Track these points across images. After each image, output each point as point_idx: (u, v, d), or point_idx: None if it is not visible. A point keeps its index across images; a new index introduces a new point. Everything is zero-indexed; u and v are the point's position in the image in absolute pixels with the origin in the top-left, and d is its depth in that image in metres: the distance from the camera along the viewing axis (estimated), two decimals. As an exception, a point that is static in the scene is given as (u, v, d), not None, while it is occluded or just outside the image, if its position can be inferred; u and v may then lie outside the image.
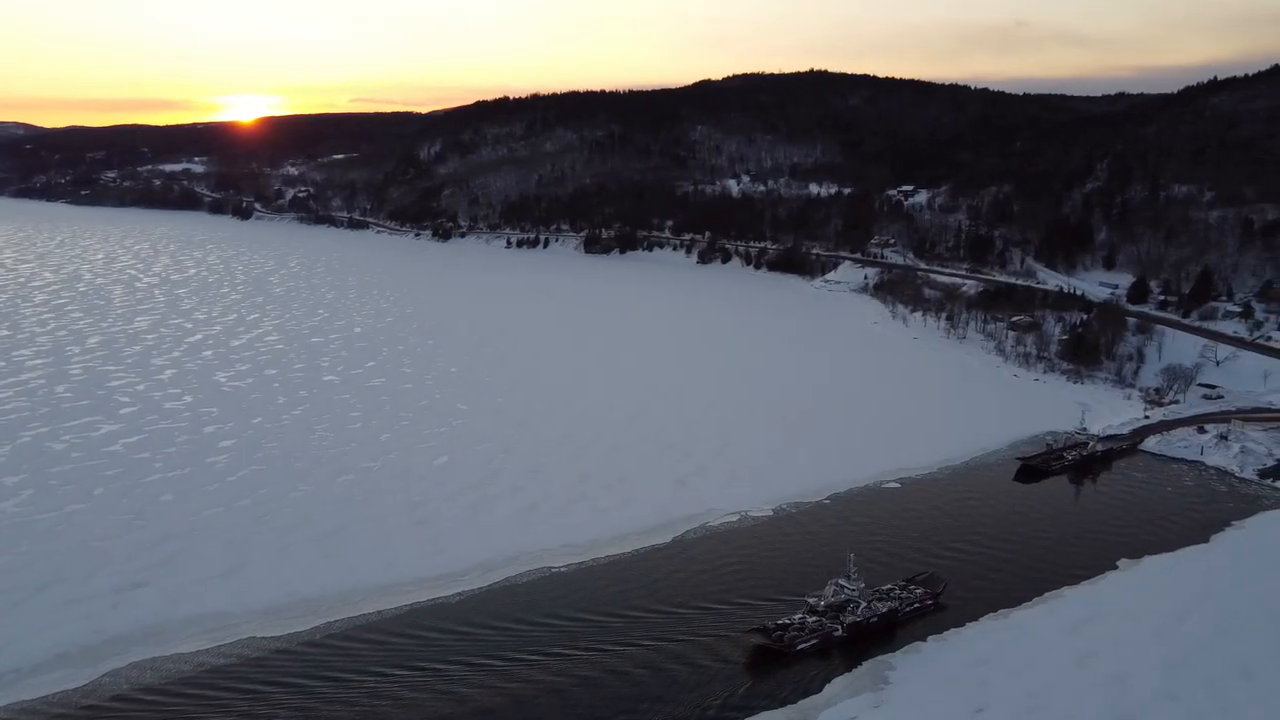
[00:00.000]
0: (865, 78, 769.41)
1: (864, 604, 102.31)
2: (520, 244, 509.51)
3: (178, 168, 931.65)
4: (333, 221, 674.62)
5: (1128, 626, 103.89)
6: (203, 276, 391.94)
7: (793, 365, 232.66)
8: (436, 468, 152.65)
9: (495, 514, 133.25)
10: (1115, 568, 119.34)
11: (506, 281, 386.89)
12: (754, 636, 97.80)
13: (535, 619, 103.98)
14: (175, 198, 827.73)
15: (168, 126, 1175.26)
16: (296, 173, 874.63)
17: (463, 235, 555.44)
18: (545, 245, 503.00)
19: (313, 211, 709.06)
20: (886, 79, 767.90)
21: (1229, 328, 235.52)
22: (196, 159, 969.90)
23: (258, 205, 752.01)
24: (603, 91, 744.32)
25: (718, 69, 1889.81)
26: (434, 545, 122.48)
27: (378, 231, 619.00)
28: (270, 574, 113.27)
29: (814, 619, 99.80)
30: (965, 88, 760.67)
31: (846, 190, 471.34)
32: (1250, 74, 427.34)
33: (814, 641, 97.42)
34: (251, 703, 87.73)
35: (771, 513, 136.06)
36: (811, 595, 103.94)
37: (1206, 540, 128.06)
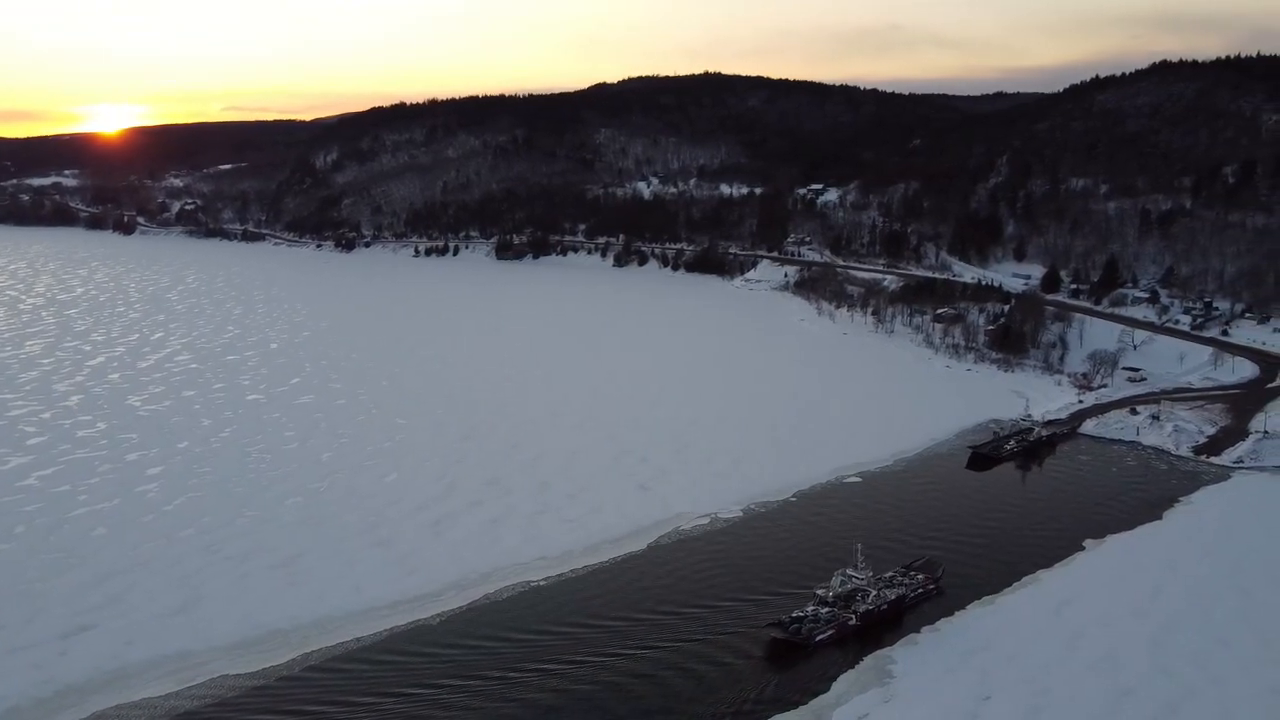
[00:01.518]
0: (761, 79, 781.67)
1: (874, 592, 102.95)
2: (429, 252, 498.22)
3: (46, 181, 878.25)
4: (225, 234, 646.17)
5: (1107, 606, 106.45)
6: (93, 295, 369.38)
7: (730, 365, 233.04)
8: (388, 485, 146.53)
9: (459, 530, 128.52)
10: (1082, 548, 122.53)
11: (421, 291, 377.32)
12: (771, 631, 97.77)
13: (528, 632, 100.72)
14: (47, 213, 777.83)
15: (29, 139, 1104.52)
16: (181, 184, 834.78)
17: (367, 245, 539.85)
18: (455, 253, 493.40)
19: (202, 224, 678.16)
20: (781, 80, 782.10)
21: (1139, 313, 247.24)
22: (67, 172, 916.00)
23: (141, 219, 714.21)
24: (503, 96, 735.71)
25: (609, 72, 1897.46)
26: (402, 566, 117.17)
27: (275, 243, 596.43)
28: (231, 606, 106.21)
29: (826, 610, 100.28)
30: (857, 88, 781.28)
31: (758, 190, 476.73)
32: (1130, 72, 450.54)
33: (830, 632, 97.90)
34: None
35: (741, 514, 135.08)
36: (820, 587, 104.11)
37: (1160, 517, 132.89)
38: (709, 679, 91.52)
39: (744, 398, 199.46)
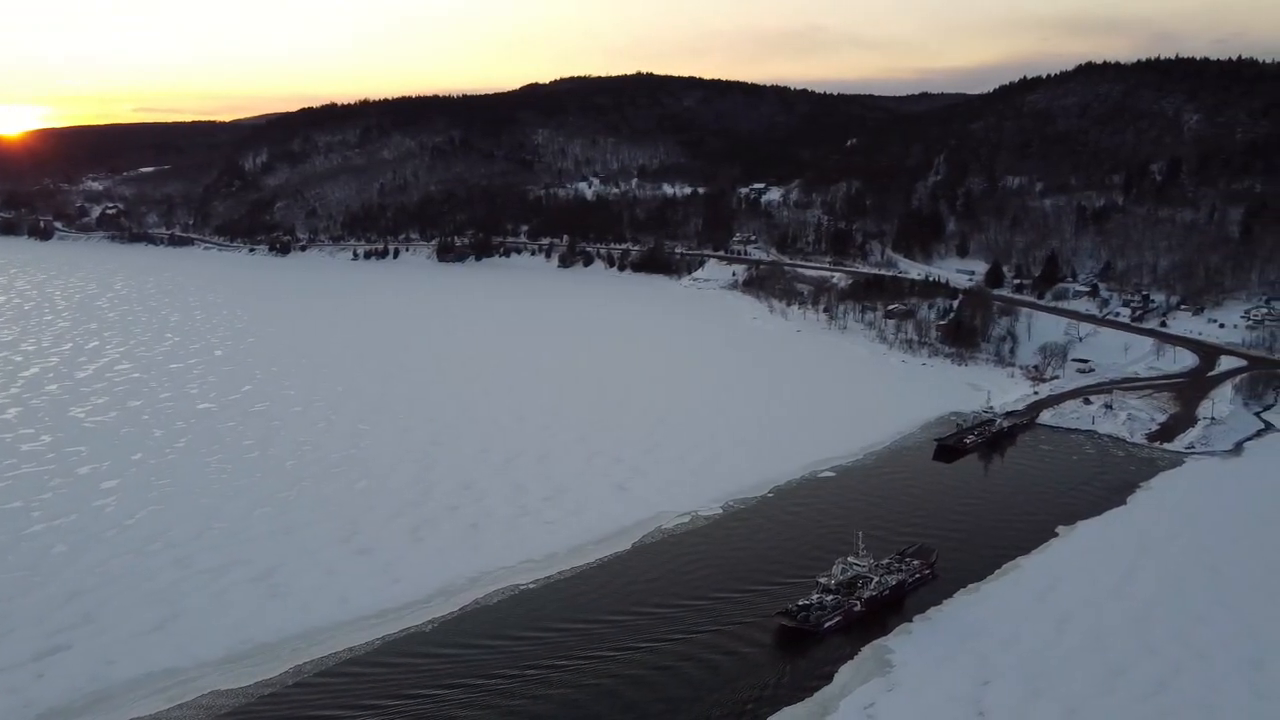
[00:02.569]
0: (695, 80, 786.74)
1: (876, 579, 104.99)
2: (369, 255, 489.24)
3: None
4: (151, 239, 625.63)
5: (1088, 589, 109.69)
6: (16, 304, 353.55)
7: (689, 364, 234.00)
8: (359, 492, 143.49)
9: (439, 536, 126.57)
10: (1056, 535, 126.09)
11: (365, 295, 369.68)
12: (780, 619, 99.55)
13: (530, 632, 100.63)
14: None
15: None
16: (101, 188, 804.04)
17: (303, 249, 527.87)
18: (396, 255, 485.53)
19: (125, 229, 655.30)
20: (716, 80, 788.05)
21: (1080, 306, 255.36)
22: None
23: (59, 225, 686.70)
24: (437, 96, 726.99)
25: (539, 73, 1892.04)
26: (385, 574, 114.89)
27: (205, 248, 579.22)
28: (212, 621, 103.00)
29: (831, 598, 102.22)
30: (789, 89, 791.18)
31: (701, 190, 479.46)
32: (1056, 74, 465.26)
33: (838, 619, 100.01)
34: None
35: (721, 511, 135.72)
36: (822, 575, 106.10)
37: (1125, 502, 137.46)
38: (725, 669, 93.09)
39: (709, 396, 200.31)
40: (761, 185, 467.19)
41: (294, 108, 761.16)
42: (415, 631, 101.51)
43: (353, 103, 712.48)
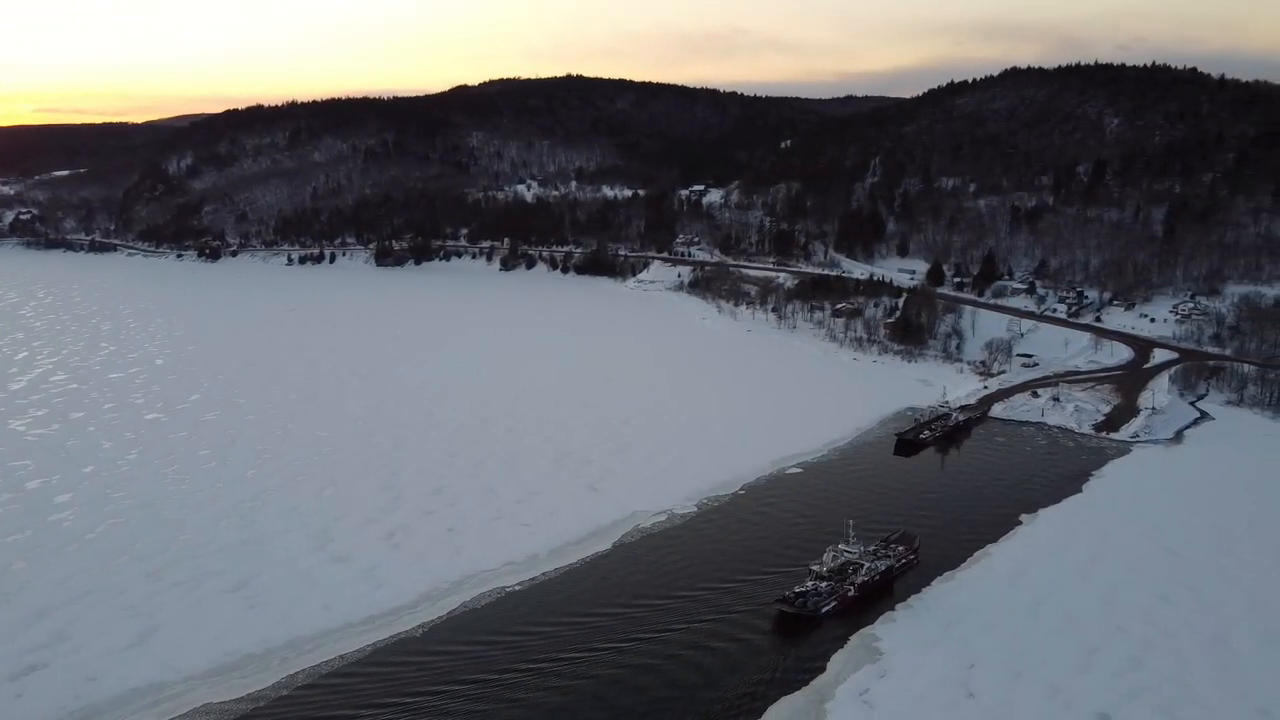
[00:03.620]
0: (627, 82, 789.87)
1: (866, 565, 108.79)
2: (304, 260, 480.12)
3: None
4: (69, 245, 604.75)
5: (1056, 574, 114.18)
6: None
7: (644, 364, 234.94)
8: (327, 499, 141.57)
9: (417, 542, 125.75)
10: (1019, 523, 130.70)
11: (305, 301, 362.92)
12: (780, 606, 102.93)
13: (526, 631, 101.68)
14: None
15: None
16: (12, 192, 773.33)
17: (234, 254, 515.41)
18: (332, 260, 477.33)
19: (41, 235, 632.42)
20: (648, 83, 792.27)
21: (1019, 303, 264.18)
22: None
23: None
24: (367, 98, 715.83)
25: (463, 75, 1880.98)
26: (366, 581, 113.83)
27: (130, 254, 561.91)
28: (194, 633, 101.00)
29: (825, 584, 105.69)
30: (718, 91, 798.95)
31: (641, 192, 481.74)
32: (982, 78, 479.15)
33: (834, 604, 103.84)
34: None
35: (696, 509, 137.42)
36: (814, 563, 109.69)
37: (1080, 490, 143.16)
38: (733, 655, 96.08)
39: (669, 396, 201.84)
40: (701, 187, 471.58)
41: (212, 109, 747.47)
42: (406, 637, 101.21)
43: (280, 104, 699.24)
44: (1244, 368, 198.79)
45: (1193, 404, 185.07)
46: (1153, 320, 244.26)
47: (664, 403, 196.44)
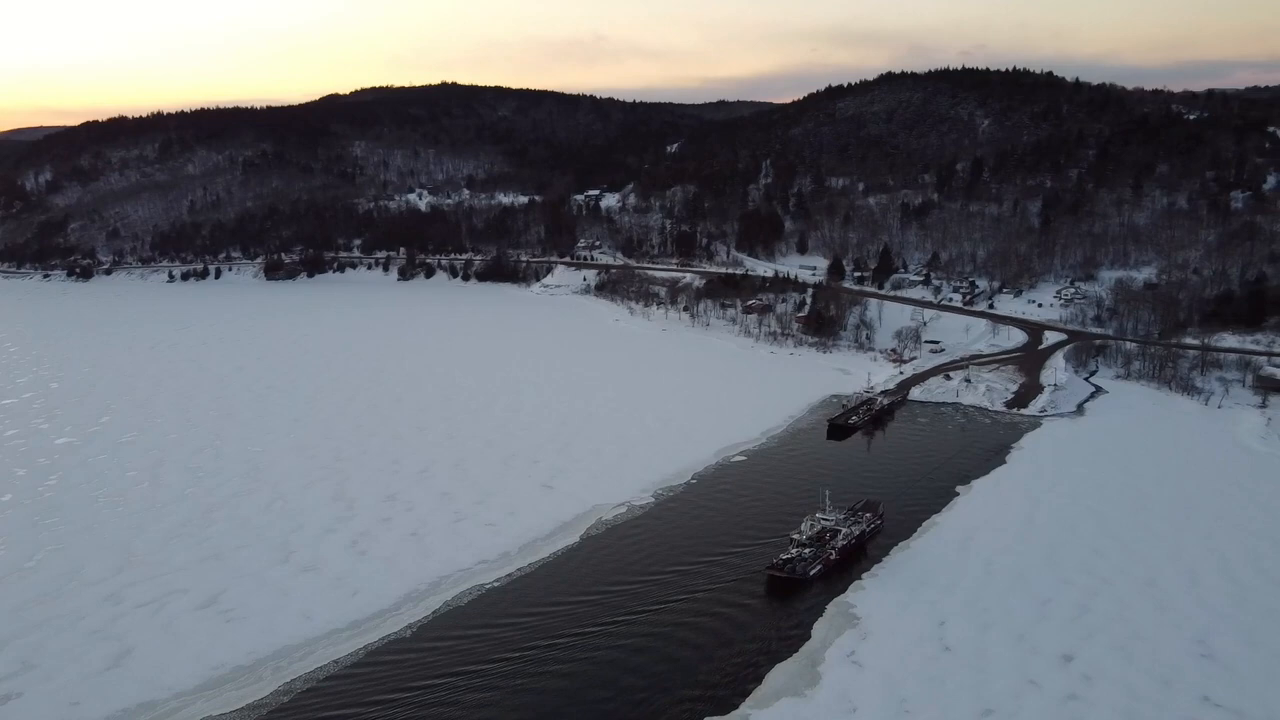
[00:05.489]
0: (507, 89, 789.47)
1: (844, 530, 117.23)
2: (186, 276, 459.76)
3: None
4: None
5: (999, 537, 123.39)
6: None
7: (566, 366, 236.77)
8: (279, 513, 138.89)
9: (382, 548, 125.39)
10: (957, 494, 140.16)
11: (198, 317, 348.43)
12: (771, 572, 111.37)
13: (522, 616, 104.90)
14: None
15: None
16: None
17: (108, 272, 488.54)
18: (218, 275, 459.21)
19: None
20: (527, 90, 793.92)
21: (916, 294, 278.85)
22: None
23: None
24: (239, 108, 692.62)
25: (331, 83, 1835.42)
26: (340, 588, 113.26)
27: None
28: (173, 651, 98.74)
29: (808, 550, 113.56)
30: (596, 97, 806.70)
31: (538, 198, 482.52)
32: (858, 82, 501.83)
33: (819, 567, 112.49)
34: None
35: (653, 499, 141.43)
36: (794, 532, 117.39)
37: (1005, 461, 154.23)
38: (720, 630, 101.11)
39: (598, 395, 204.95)
40: (597, 191, 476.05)
41: (67, 121, 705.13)
42: (396, 637, 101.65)
43: (145, 115, 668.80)
44: (1126, 345, 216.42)
45: (1087, 379, 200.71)
46: (1040, 305, 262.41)
47: (596, 402, 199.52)
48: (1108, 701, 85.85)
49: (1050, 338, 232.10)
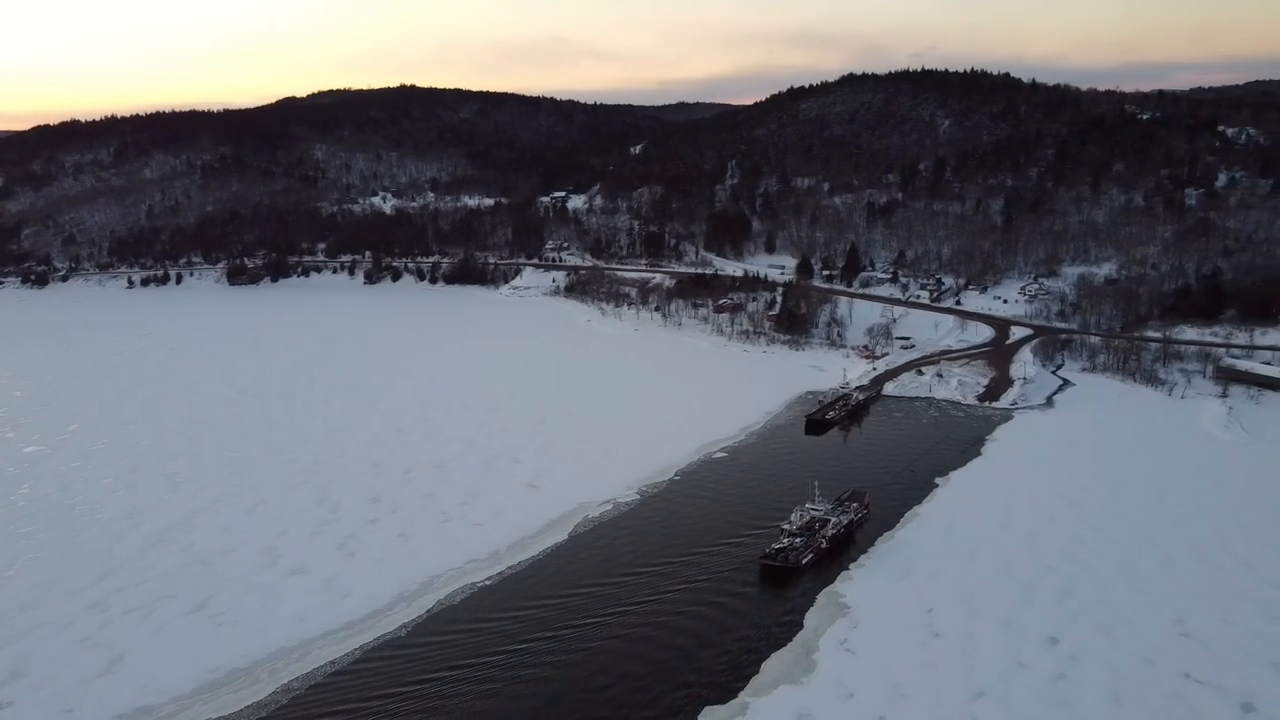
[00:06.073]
0: (467, 91, 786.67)
1: (832, 519, 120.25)
2: (146, 282, 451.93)
3: None
4: None
5: (980, 526, 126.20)
6: None
7: (541, 367, 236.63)
8: (261, 517, 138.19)
9: (370, 549, 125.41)
10: (936, 485, 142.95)
11: (159, 323, 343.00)
12: (765, 561, 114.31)
13: (520, 609, 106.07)
14: None
15: None
16: None
17: (64, 279, 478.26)
18: (179, 281, 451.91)
19: None
20: (488, 92, 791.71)
21: (885, 291, 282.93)
22: None
23: None
24: (196, 111, 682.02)
25: (286, 88, 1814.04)
26: (332, 590, 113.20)
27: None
28: (166, 656, 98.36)
29: (799, 539, 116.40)
30: (556, 99, 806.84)
31: (504, 200, 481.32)
32: (820, 83, 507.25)
33: (811, 555, 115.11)
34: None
35: (638, 496, 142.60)
36: (784, 523, 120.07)
37: (981, 453, 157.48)
38: (717, 618, 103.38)
39: (576, 395, 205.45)
40: (563, 193, 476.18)
41: (15, 126, 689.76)
42: (391, 637, 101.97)
43: (98, 119, 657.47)
44: (1090, 339, 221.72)
45: (1054, 373, 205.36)
46: (1005, 301, 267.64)
47: (573, 402, 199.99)
48: (1094, 681, 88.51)
49: (1017, 333, 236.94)
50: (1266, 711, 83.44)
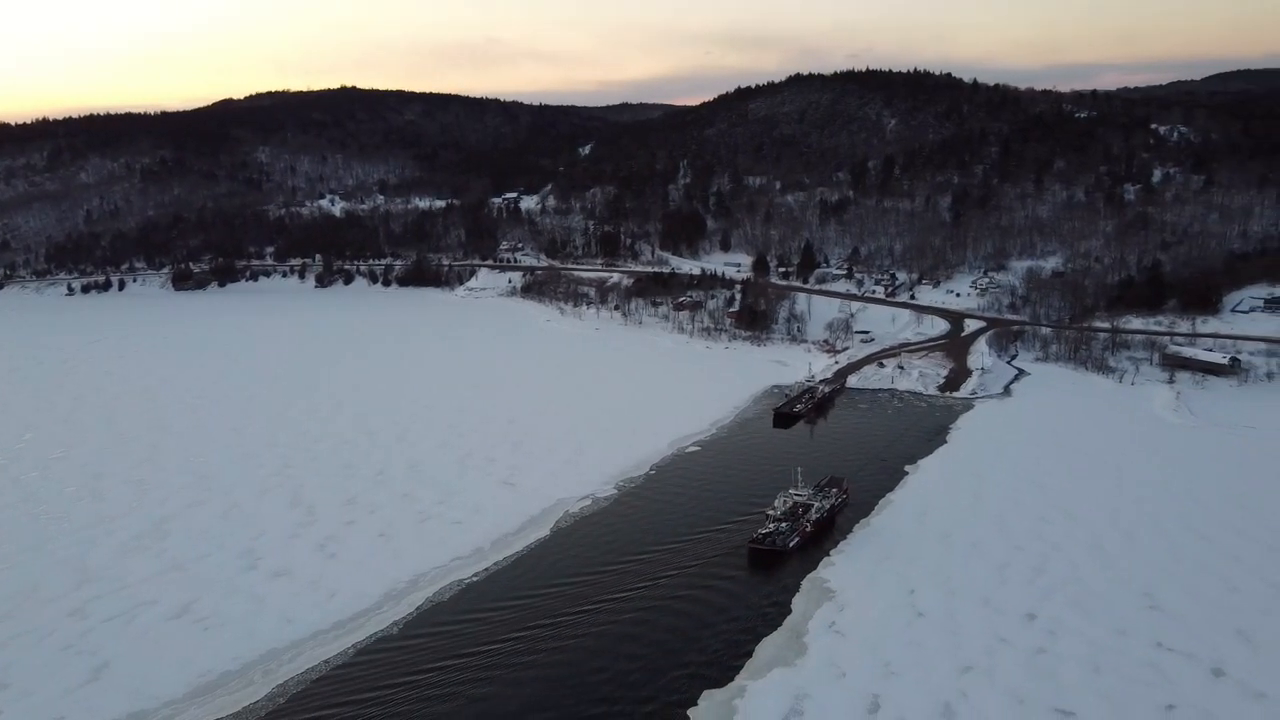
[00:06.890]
0: (411, 93, 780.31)
1: (816, 504, 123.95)
2: (87, 289, 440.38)
3: None
4: None
5: (951, 511, 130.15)
6: None
7: (504, 367, 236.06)
8: (236, 521, 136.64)
9: (352, 550, 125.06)
10: (906, 473, 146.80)
11: (106, 330, 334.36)
12: (753, 545, 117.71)
13: (499, 608, 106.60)
14: None
15: None
16: None
17: (0, 287, 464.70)
18: (122, 287, 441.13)
19: None
20: (433, 94, 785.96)
21: (841, 287, 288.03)
22: None
23: None
24: (132, 114, 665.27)
25: (221, 90, 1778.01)
26: (317, 591, 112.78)
27: None
28: (153, 662, 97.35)
29: (785, 524, 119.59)
30: (499, 100, 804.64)
31: (455, 201, 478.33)
32: (768, 83, 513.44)
33: (797, 539, 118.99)
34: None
35: (616, 491, 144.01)
36: (769, 509, 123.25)
37: (946, 441, 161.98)
38: (713, 601, 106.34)
39: (544, 394, 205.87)
40: (515, 194, 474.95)
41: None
42: (383, 634, 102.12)
43: (29, 122, 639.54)
44: (1042, 329, 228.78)
45: (1009, 363, 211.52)
46: (958, 295, 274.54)
47: (542, 401, 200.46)
48: (1072, 653, 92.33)
49: (971, 325, 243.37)
50: (1236, 676, 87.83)
